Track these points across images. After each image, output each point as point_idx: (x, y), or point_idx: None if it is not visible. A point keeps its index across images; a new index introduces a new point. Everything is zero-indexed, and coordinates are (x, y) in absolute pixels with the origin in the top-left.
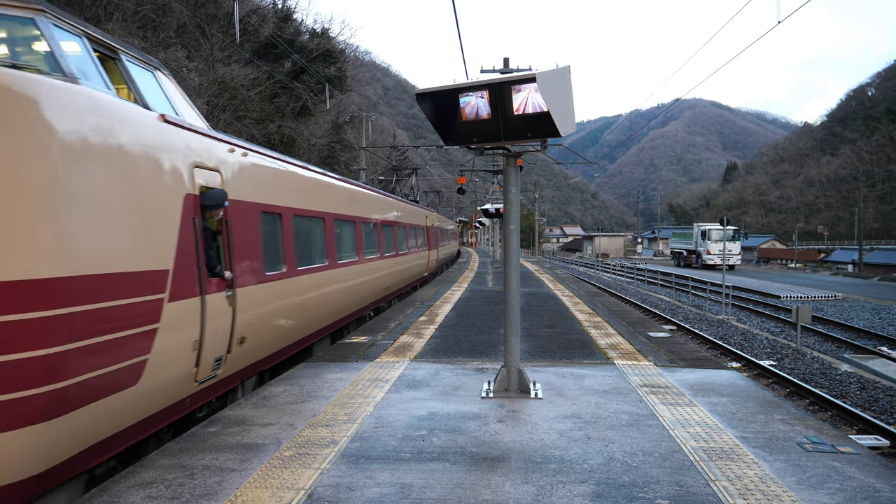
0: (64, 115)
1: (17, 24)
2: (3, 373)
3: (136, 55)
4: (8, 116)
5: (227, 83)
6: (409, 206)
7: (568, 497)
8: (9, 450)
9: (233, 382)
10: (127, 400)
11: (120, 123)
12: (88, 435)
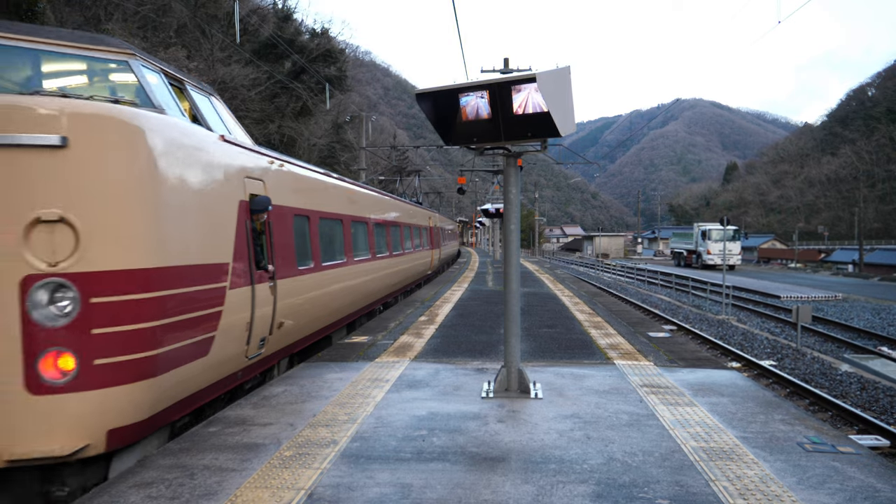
0: (158, 140)
1: (114, 65)
2: (119, 340)
3: (196, 83)
4: (119, 142)
5: (228, 83)
6: (414, 208)
7: (568, 497)
8: (123, 400)
9: (272, 361)
10: (200, 368)
11: (195, 145)
12: (174, 393)
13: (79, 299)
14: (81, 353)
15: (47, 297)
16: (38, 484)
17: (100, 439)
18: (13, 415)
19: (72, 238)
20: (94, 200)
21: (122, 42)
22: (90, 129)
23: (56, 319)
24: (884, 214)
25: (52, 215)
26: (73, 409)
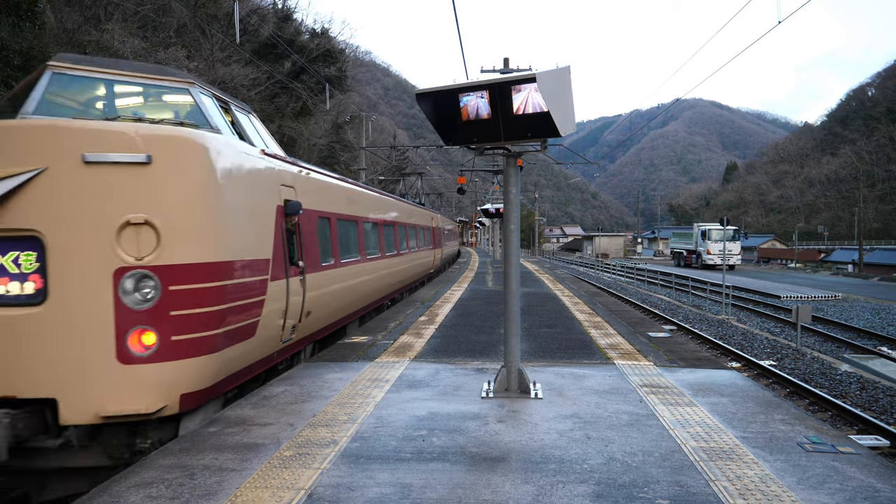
0: (217, 156)
1: (177, 92)
2: (190, 320)
3: (238, 104)
4: (189, 159)
5: (227, 83)
6: (419, 210)
7: (568, 497)
8: (192, 370)
9: (299, 346)
10: (248, 347)
11: (244, 159)
12: (229, 367)
13: (159, 287)
14: (161, 331)
15: (134, 285)
16: (125, 437)
17: (174, 402)
18: (106, 380)
19: (154, 237)
20: (172, 206)
21: (183, 72)
22: (168, 148)
23: (141, 303)
24: (884, 214)
25: (139, 219)
26: (154, 376)
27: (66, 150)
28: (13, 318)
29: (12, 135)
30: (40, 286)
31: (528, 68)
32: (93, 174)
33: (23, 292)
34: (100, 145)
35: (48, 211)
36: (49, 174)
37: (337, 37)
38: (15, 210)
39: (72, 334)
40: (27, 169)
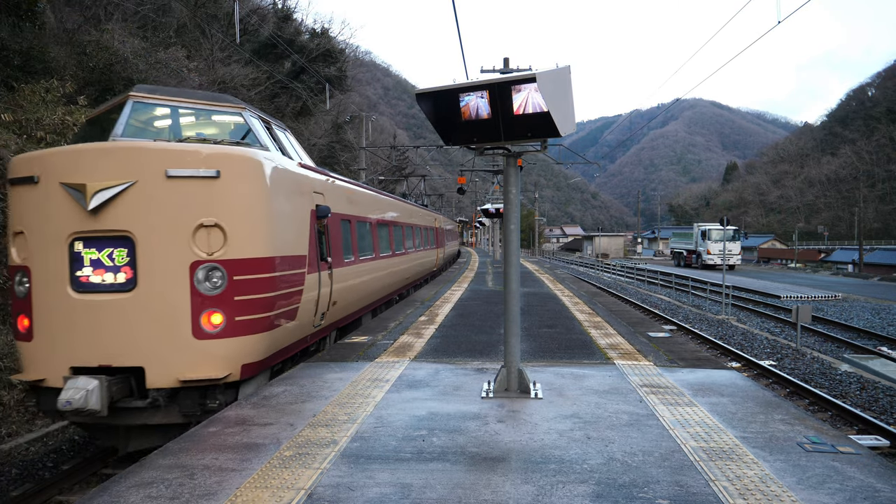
0: (269, 170)
1: (231, 115)
2: (249, 304)
3: (277, 123)
4: (248, 173)
5: (227, 83)
6: (423, 211)
7: (568, 497)
8: (250, 345)
9: (326, 332)
10: (289, 328)
11: (287, 171)
12: (276, 344)
13: (225, 277)
14: (227, 313)
15: (205, 275)
16: (198, 398)
17: (237, 370)
18: (184, 352)
19: (221, 237)
20: (235, 211)
21: (235, 98)
22: (232, 164)
23: (211, 290)
24: (884, 214)
25: (210, 222)
26: (222, 349)
27: (152, 167)
28: (109, 302)
29: (109, 154)
30: (130, 276)
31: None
32: (174, 186)
33: (116, 281)
34: (179, 162)
35: (137, 215)
36: (138, 186)
37: (337, 37)
38: (111, 215)
39: (156, 315)
40: (121, 181)
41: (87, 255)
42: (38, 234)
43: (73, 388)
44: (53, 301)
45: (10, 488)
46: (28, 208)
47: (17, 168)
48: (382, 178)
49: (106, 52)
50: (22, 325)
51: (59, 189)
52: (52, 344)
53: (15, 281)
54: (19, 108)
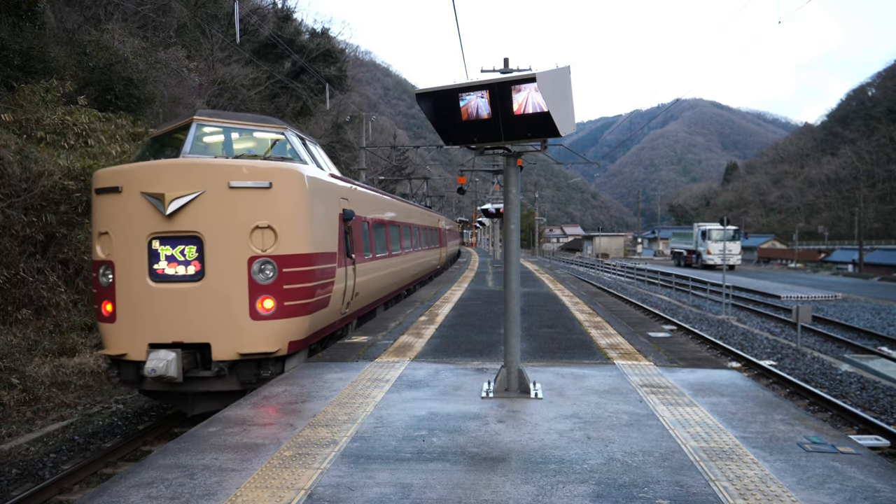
0: (309, 181)
1: (275, 134)
2: (295, 292)
3: (310, 139)
4: (292, 183)
5: (227, 83)
6: (428, 213)
7: (568, 497)
8: (295, 326)
9: (349, 320)
10: (324, 314)
11: (321, 181)
12: (314, 327)
13: (276, 269)
14: (277, 298)
15: (260, 267)
16: (254, 369)
17: (285, 346)
18: (243, 331)
19: (273, 236)
20: (284, 216)
21: (279, 119)
22: (282, 177)
23: (264, 280)
24: (884, 214)
25: (264, 224)
26: (273, 328)
27: (217, 179)
28: (181, 290)
29: (183, 169)
30: (199, 269)
31: (528, 68)
32: (235, 195)
33: (187, 273)
34: (239, 176)
35: (205, 219)
36: (206, 195)
37: (337, 37)
38: (183, 218)
39: (220, 300)
40: (192, 191)
41: (162, 251)
42: (121, 234)
43: (156, 359)
44: (134, 289)
45: (10, 488)
46: (112, 213)
47: (102, 180)
48: (382, 179)
49: (106, 52)
50: (105, 309)
51: (139, 197)
52: (132, 324)
53: (99, 273)
54: (19, 108)
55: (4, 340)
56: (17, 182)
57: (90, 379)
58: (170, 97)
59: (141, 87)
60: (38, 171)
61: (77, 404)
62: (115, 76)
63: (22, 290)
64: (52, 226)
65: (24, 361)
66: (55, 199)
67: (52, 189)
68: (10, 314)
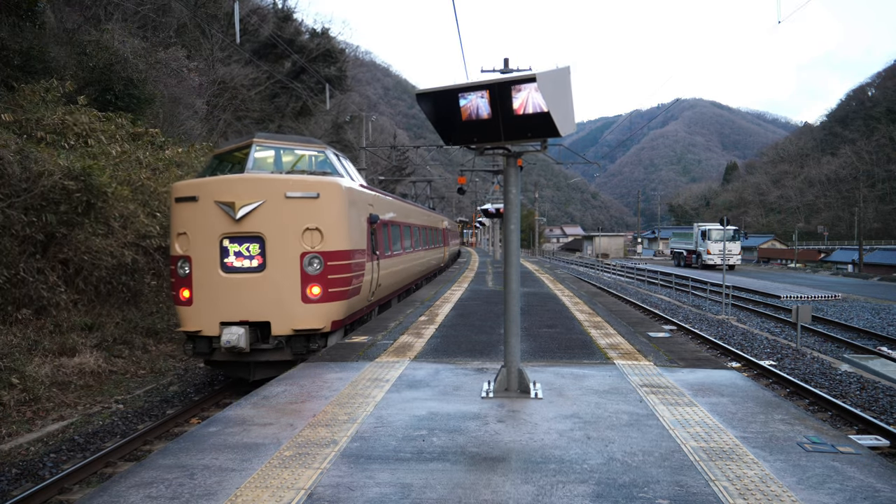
0: (346, 192)
1: (317, 152)
2: (341, 282)
3: (342, 155)
4: (334, 194)
5: (227, 83)
6: (433, 214)
7: (568, 497)
8: (336, 308)
9: (372, 307)
10: (357, 299)
11: (354, 191)
12: (350, 310)
13: (322, 262)
14: (323, 286)
15: (309, 261)
16: (304, 343)
17: (328, 324)
18: (296, 311)
19: (319, 236)
20: (328, 220)
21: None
22: (326, 188)
23: (313, 271)
24: (884, 214)
25: (312, 226)
26: (319, 310)
27: (276, 191)
28: (247, 279)
29: (249, 183)
30: (261, 262)
31: (528, 68)
32: (290, 203)
33: (251, 266)
34: (293, 188)
35: (266, 222)
36: (267, 203)
37: (337, 37)
38: (249, 222)
39: (278, 287)
40: (256, 200)
41: (231, 248)
42: (198, 234)
43: (230, 334)
44: (208, 278)
45: (10, 488)
46: (189, 217)
47: (181, 190)
48: (383, 179)
49: (106, 52)
50: (182, 295)
51: (213, 205)
52: (206, 307)
53: (177, 265)
54: (19, 108)
55: (4, 340)
56: (17, 182)
57: (90, 379)
58: (170, 97)
59: (141, 87)
60: (38, 171)
61: (77, 404)
62: (115, 76)
63: (22, 290)
64: (52, 226)
65: (24, 361)
66: (55, 199)
67: (52, 189)
68: (10, 314)
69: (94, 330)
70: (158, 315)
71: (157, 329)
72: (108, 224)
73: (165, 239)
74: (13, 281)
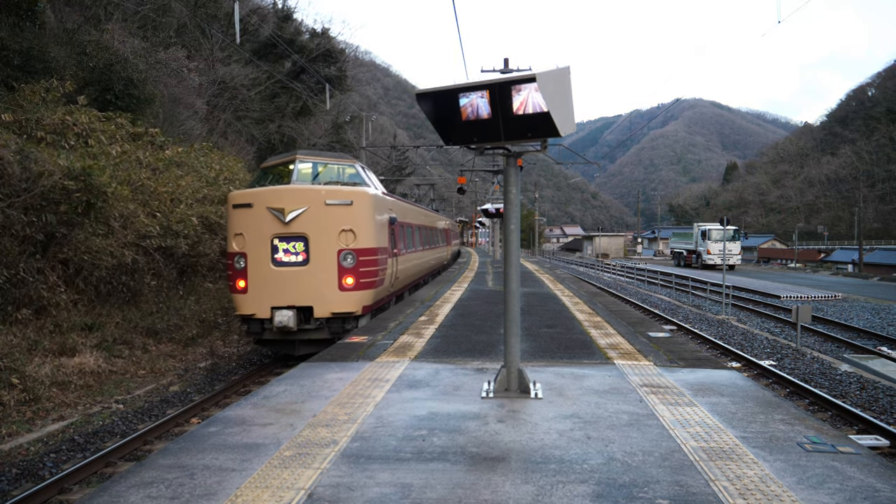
0: (374, 199)
1: (347, 167)
2: (369, 274)
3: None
4: (364, 201)
5: (227, 83)
6: (437, 216)
7: (568, 497)
8: (366, 295)
9: (392, 297)
10: (381, 288)
11: (379, 198)
12: (376, 297)
13: (355, 257)
14: (355, 278)
15: (344, 256)
16: (341, 323)
17: (360, 309)
18: (334, 297)
19: (353, 236)
20: (359, 223)
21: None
22: (358, 197)
23: (348, 265)
24: (884, 214)
25: (347, 228)
26: (353, 297)
27: (318, 199)
28: (293, 271)
29: (295, 193)
30: (305, 257)
31: (528, 68)
32: (329, 209)
33: (297, 260)
34: (332, 197)
35: (310, 225)
36: (310, 209)
37: (337, 37)
38: (295, 224)
39: (319, 278)
40: (302, 207)
41: (280, 246)
42: (252, 234)
43: (281, 316)
44: (261, 271)
45: (10, 488)
46: (245, 221)
47: (237, 198)
48: (383, 179)
49: (106, 52)
50: (238, 285)
51: (265, 211)
52: (259, 294)
53: (234, 260)
54: (19, 108)
55: (4, 340)
56: (17, 182)
57: (90, 379)
58: (170, 97)
59: (141, 87)
60: (38, 171)
61: (77, 404)
62: (115, 76)
63: (22, 290)
64: (52, 226)
65: (24, 361)
66: (55, 199)
67: (52, 189)
68: (10, 314)
69: (94, 330)
70: (158, 315)
71: (156, 329)
72: (108, 224)
73: (165, 239)
74: (13, 281)
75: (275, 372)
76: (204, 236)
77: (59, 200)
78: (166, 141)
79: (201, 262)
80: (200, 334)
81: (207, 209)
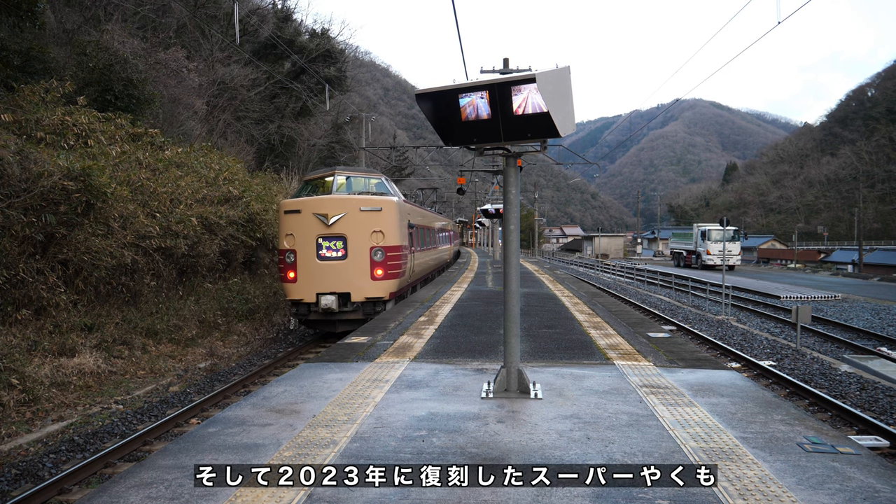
0: (398, 206)
1: (375, 178)
2: (394, 267)
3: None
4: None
5: (227, 83)
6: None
7: (568, 497)
8: (393, 284)
9: (408, 287)
10: (402, 280)
11: (402, 204)
12: (399, 286)
13: (384, 254)
14: (384, 270)
15: (375, 252)
16: (372, 306)
17: (388, 295)
18: (367, 285)
19: (382, 236)
20: (387, 225)
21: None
22: (386, 204)
23: (378, 259)
24: (883, 214)
25: (377, 229)
26: (382, 285)
27: (354, 206)
28: (335, 264)
29: (336, 201)
30: (344, 253)
31: (528, 68)
32: (363, 214)
33: (338, 255)
34: (365, 205)
35: (348, 227)
36: (348, 215)
37: (337, 37)
38: (336, 227)
39: (356, 270)
40: (341, 212)
41: (324, 244)
42: (301, 235)
43: (326, 300)
44: (308, 264)
45: (9, 489)
46: (295, 224)
47: (288, 206)
48: None
49: (106, 52)
50: (289, 276)
51: (312, 216)
52: (307, 283)
53: (285, 256)
54: (19, 108)
55: (4, 341)
56: (16, 182)
57: (90, 379)
58: (169, 97)
59: (140, 88)
60: (38, 171)
61: (77, 405)
62: (114, 76)
63: (22, 291)
64: (52, 226)
65: (23, 362)
66: (55, 200)
67: (51, 189)
68: (9, 314)
69: (93, 330)
70: (158, 315)
71: (156, 329)
72: (107, 224)
73: (165, 239)
74: (13, 281)
75: (274, 372)
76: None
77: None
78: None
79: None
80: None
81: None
